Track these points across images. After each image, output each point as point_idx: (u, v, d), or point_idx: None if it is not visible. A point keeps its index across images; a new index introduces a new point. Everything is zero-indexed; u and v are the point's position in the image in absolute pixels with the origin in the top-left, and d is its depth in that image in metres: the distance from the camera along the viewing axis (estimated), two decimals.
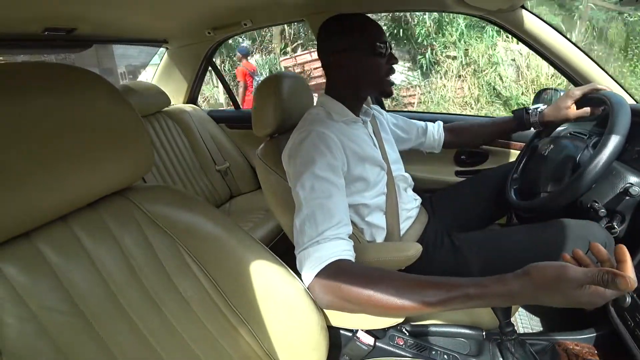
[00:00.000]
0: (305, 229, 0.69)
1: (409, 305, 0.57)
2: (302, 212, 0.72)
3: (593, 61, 1.14)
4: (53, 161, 0.47)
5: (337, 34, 0.88)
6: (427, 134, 1.19)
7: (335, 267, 0.65)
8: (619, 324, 0.71)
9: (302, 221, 0.71)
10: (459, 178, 1.54)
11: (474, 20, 5.26)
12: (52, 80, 0.49)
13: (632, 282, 0.45)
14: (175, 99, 2.02)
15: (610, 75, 1.13)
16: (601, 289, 0.48)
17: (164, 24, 1.53)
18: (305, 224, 0.70)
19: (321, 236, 0.68)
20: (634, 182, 0.80)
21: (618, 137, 0.76)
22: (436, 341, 0.74)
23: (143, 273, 0.56)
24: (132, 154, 0.57)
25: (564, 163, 0.93)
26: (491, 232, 0.96)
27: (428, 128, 1.20)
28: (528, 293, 0.51)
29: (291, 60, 6.70)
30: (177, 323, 0.58)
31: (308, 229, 0.69)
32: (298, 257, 0.69)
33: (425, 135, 1.20)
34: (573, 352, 0.76)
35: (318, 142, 0.79)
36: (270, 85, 1.01)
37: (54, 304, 0.48)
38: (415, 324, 0.78)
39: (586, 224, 0.85)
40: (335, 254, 0.66)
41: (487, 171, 1.25)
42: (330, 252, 0.66)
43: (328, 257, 0.65)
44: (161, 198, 0.62)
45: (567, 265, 0.50)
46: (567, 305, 0.50)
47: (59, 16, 1.11)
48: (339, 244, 0.68)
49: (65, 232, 0.52)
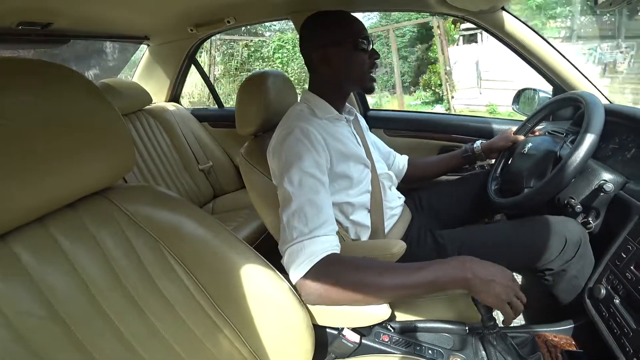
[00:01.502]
0: (295, 224, 0.69)
1: (395, 285, 0.65)
2: (290, 207, 0.71)
3: (569, 63, 1.18)
4: (29, 161, 0.45)
5: (319, 30, 0.89)
6: (395, 163, 1.22)
7: (328, 261, 0.67)
8: (595, 315, 0.74)
9: (291, 216, 0.71)
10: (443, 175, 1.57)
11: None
12: (28, 76, 0.47)
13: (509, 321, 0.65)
14: (157, 97, 1.97)
15: (584, 76, 1.17)
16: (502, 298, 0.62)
17: (144, 20, 1.49)
18: (295, 218, 0.70)
19: (314, 232, 0.68)
20: (608, 179, 0.84)
21: (594, 135, 0.79)
22: (421, 337, 0.75)
23: (125, 275, 0.55)
24: (112, 153, 0.55)
25: (545, 157, 0.96)
26: (474, 229, 0.98)
27: (396, 158, 1.23)
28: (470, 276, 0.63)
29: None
30: (160, 325, 0.56)
31: (298, 224, 0.69)
32: (287, 251, 0.69)
33: (393, 165, 1.22)
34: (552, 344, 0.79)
35: (302, 138, 0.79)
36: (254, 84, 1.00)
37: (30, 309, 0.46)
38: (400, 321, 0.79)
39: (563, 220, 0.88)
40: (328, 249, 0.68)
41: (473, 174, 1.28)
42: (323, 246, 0.68)
43: (322, 252, 0.67)
44: (143, 198, 0.61)
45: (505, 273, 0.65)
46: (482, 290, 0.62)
47: (34, 10, 1.07)
48: (331, 239, 0.70)
49: (42, 234, 0.50)
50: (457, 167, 1.24)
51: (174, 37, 1.78)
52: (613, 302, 0.71)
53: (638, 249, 0.71)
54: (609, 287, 0.75)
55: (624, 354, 0.66)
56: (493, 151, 1.17)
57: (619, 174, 0.84)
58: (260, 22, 1.81)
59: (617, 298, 0.72)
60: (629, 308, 0.69)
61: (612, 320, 0.70)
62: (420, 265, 0.66)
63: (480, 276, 0.62)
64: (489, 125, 1.46)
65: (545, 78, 1.24)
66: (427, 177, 1.27)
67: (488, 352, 0.69)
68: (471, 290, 0.63)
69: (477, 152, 1.19)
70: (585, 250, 0.87)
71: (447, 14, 1.27)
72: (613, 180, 0.83)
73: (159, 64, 1.93)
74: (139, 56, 1.96)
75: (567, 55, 1.16)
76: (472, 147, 1.20)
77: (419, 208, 1.17)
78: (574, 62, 1.16)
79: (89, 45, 2.90)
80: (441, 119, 1.67)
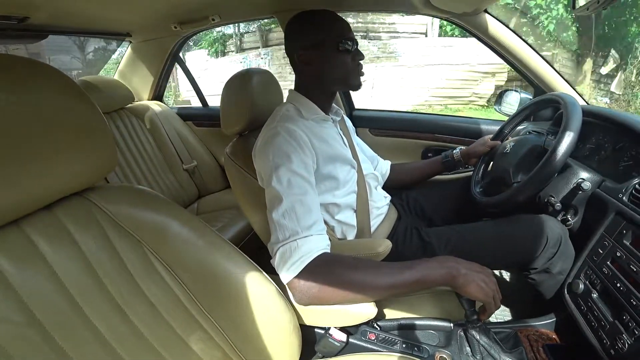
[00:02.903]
0: (286, 223, 0.69)
1: (386, 283, 0.67)
2: (280, 206, 0.71)
3: (549, 64, 1.21)
4: (5, 160, 0.43)
5: (304, 31, 0.88)
6: (377, 168, 1.22)
7: (321, 260, 0.67)
8: (574, 309, 0.77)
9: (281, 216, 0.70)
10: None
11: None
12: (2, 73, 0.45)
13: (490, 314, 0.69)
14: (140, 95, 1.93)
15: (563, 78, 1.20)
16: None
17: (127, 16, 1.45)
18: (286, 218, 0.70)
19: (305, 231, 0.68)
20: (586, 177, 0.86)
21: (572, 133, 0.81)
22: (407, 334, 0.76)
23: (107, 278, 0.54)
24: (93, 152, 0.54)
25: (530, 152, 0.97)
26: (459, 227, 0.99)
27: (379, 163, 1.23)
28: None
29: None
30: (145, 329, 0.55)
31: (289, 223, 0.69)
32: (280, 251, 0.68)
33: (376, 169, 1.21)
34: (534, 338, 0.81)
35: (290, 138, 0.79)
36: (239, 82, 0.99)
37: (7, 315, 0.44)
38: (386, 319, 0.80)
39: (544, 219, 0.91)
40: (321, 248, 0.69)
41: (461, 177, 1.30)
42: (317, 245, 0.68)
43: (316, 250, 0.67)
44: (125, 198, 0.60)
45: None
46: (466, 284, 0.66)
47: (9, 3, 1.03)
48: (323, 238, 0.71)
49: (18, 237, 0.49)
50: (437, 173, 1.26)
51: (157, 34, 1.74)
52: (591, 297, 0.74)
53: (614, 245, 0.74)
54: (587, 282, 0.77)
55: (602, 345, 0.68)
56: (472, 157, 1.19)
57: (596, 173, 0.87)
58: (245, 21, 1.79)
59: (595, 292, 0.74)
60: (606, 302, 0.72)
61: (590, 313, 0.73)
62: (408, 264, 0.69)
63: (464, 272, 0.66)
64: (474, 126, 1.49)
65: (527, 80, 1.28)
66: (408, 183, 1.28)
67: (472, 346, 0.70)
68: (456, 285, 0.66)
69: (456, 158, 1.20)
70: (567, 247, 0.90)
71: (432, 15, 1.29)
72: (590, 179, 0.86)
73: (141, 61, 1.88)
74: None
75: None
76: (452, 153, 1.21)
77: (406, 207, 1.18)
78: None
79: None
80: (426, 119, 1.69)
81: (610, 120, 0.96)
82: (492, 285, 0.67)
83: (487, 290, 0.66)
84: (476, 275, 0.66)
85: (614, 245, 0.74)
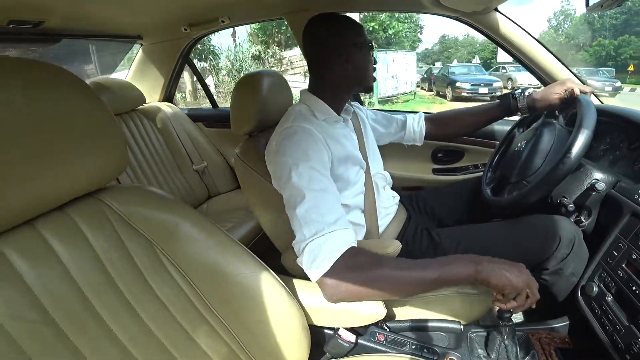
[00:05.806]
0: (312, 219, 0.69)
1: (414, 278, 0.67)
2: (304, 202, 0.71)
3: (562, 63, 1.19)
4: (19, 161, 0.44)
5: (323, 33, 0.89)
6: (407, 126, 1.21)
7: (351, 253, 0.68)
8: (587, 312, 0.75)
9: (306, 211, 0.70)
10: (437, 176, 1.57)
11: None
12: (18, 76, 0.46)
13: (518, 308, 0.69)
14: (151, 97, 1.96)
15: (577, 77, 1.18)
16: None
17: (138, 19, 1.48)
18: (312, 213, 0.70)
19: (332, 225, 0.69)
20: (599, 178, 0.85)
21: (587, 132, 0.79)
22: (416, 336, 0.75)
23: (118, 277, 0.54)
24: (104, 153, 0.55)
25: (541, 151, 0.94)
26: (470, 228, 0.98)
27: (407, 121, 1.21)
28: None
29: None
30: (155, 327, 0.56)
31: (316, 218, 0.69)
32: (308, 247, 0.68)
33: (405, 129, 1.21)
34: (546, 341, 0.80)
35: (307, 137, 0.80)
36: (249, 83, 0.99)
37: (22, 313, 0.45)
38: (395, 320, 0.79)
39: (557, 219, 0.89)
40: (349, 242, 0.69)
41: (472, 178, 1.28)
42: (343, 240, 0.69)
43: (344, 245, 0.68)
44: (136, 199, 0.60)
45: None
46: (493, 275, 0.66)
47: (25, 8, 1.05)
48: (349, 232, 0.71)
49: (33, 236, 0.50)
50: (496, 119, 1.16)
51: (167, 36, 1.76)
52: (605, 300, 0.72)
53: (629, 247, 0.72)
54: (601, 284, 0.76)
55: (616, 350, 0.67)
56: (544, 103, 1.03)
57: (610, 173, 0.85)
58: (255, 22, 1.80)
59: (609, 295, 0.72)
60: (621, 305, 0.70)
61: (604, 317, 0.71)
62: (430, 260, 0.70)
63: (486, 263, 0.67)
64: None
65: (539, 78, 1.25)
66: (456, 132, 1.19)
67: (494, 343, 0.71)
68: (481, 277, 0.67)
69: (521, 106, 1.06)
70: (580, 248, 0.88)
71: (441, 14, 1.28)
72: (604, 180, 0.84)
73: (152, 64, 1.91)
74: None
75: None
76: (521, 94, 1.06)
77: (416, 207, 1.17)
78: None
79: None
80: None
81: (625, 119, 0.94)
82: (523, 277, 0.67)
83: (516, 282, 0.66)
84: (500, 266, 0.67)
85: (630, 247, 0.72)
